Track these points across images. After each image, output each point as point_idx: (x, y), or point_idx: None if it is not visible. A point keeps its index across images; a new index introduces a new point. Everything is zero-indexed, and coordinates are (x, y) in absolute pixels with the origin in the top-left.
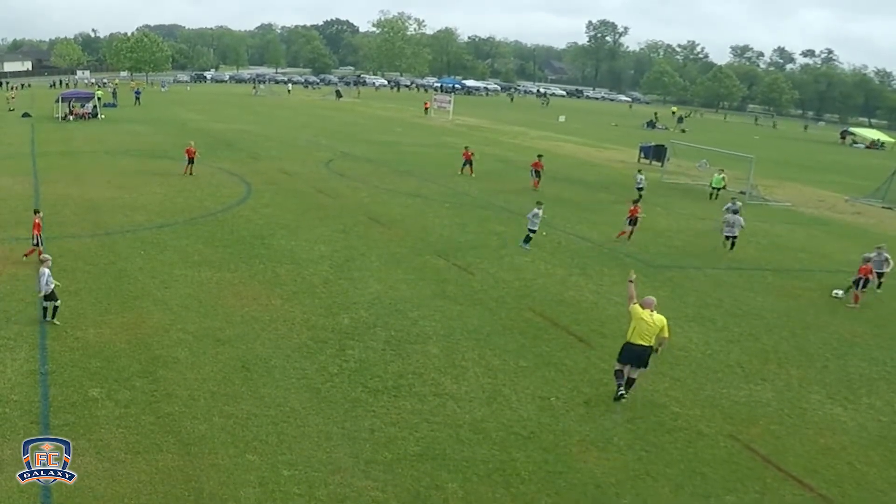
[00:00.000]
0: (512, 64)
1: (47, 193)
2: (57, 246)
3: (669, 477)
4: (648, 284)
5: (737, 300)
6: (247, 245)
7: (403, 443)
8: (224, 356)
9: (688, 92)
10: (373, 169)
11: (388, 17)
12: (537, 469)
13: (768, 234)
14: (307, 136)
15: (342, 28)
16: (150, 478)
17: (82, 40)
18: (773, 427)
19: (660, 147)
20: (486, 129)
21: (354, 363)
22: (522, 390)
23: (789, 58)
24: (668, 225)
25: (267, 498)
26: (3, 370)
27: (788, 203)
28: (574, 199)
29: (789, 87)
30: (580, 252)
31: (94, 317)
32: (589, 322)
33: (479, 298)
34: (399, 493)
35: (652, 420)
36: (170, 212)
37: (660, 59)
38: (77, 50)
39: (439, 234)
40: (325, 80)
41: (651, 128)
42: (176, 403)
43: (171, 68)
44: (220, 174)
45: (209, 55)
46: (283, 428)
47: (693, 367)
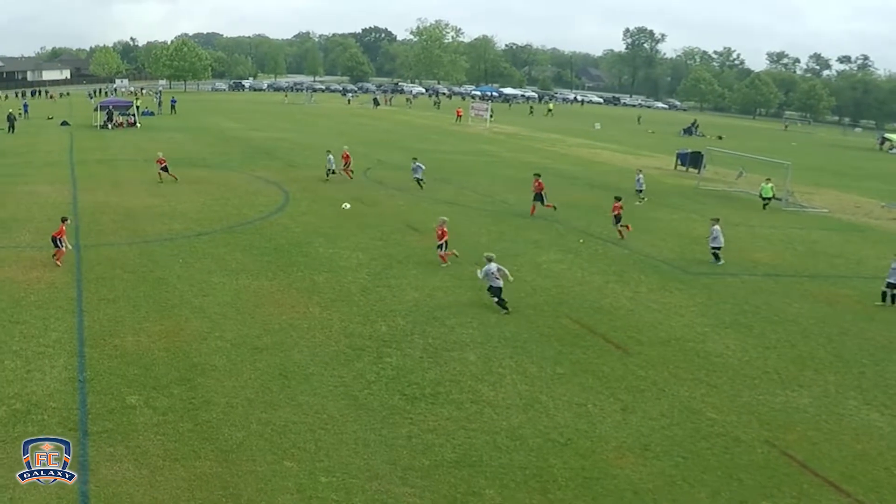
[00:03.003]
0: (549, 71)
1: (85, 201)
2: (95, 253)
3: (706, 483)
4: (685, 291)
5: (773, 307)
6: (284, 253)
7: (441, 449)
8: (262, 364)
9: (725, 99)
10: (410, 177)
11: (426, 25)
12: (574, 475)
13: (805, 240)
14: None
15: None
16: (188, 484)
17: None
18: (810, 433)
19: (696, 154)
20: (523, 137)
21: (392, 370)
22: (559, 397)
23: (825, 64)
24: (705, 232)
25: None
26: (42, 377)
27: (825, 209)
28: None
29: (826, 93)
30: (617, 259)
31: (132, 324)
32: (626, 329)
33: (516, 306)
34: (436, 500)
35: (688, 426)
36: (208, 220)
37: (696, 66)
38: (116, 58)
39: (476, 242)
40: (362, 89)
41: (688, 135)
42: (214, 411)
43: (210, 77)
44: (257, 182)
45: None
46: (321, 435)
47: (730, 373)
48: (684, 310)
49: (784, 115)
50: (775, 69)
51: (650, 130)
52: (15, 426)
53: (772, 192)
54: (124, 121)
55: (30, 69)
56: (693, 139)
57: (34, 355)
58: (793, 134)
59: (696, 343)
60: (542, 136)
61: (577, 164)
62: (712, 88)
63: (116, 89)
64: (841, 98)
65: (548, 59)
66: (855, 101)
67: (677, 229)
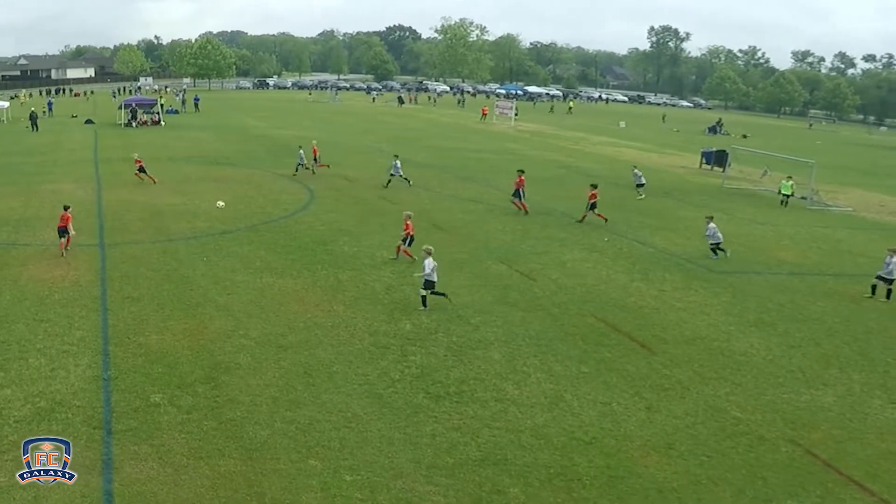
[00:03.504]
0: (573, 70)
1: (110, 199)
2: (119, 252)
3: (730, 482)
4: (710, 290)
5: (798, 305)
6: (309, 251)
7: (465, 448)
8: (286, 362)
9: (749, 97)
10: (434, 175)
11: (451, 24)
12: (599, 474)
13: (829, 239)
14: (369, 142)
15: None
16: (212, 483)
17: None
18: (835, 431)
19: (721, 153)
20: (548, 135)
21: (416, 369)
22: (584, 396)
23: (850, 62)
24: (730, 230)
25: (329, 503)
26: (66, 375)
27: (849, 208)
28: (636, 204)
29: (851, 92)
30: (642, 257)
31: (157, 323)
32: (651, 328)
33: (541, 304)
34: (461, 498)
35: (713, 425)
36: (232, 218)
37: (721, 64)
38: (140, 56)
39: (501, 241)
40: (387, 87)
41: (713, 133)
42: (238, 409)
43: (234, 75)
44: (281, 181)
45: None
46: (345, 433)
47: (754, 372)
48: (709, 308)
49: (809, 113)
50: (800, 68)
51: (675, 129)
52: (39, 424)
53: (791, 189)
54: (148, 119)
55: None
56: (718, 138)
57: (58, 353)
58: (817, 132)
59: (721, 342)
60: (567, 134)
61: (602, 163)
62: (737, 87)
63: (141, 87)
64: (866, 97)
65: (572, 58)
66: (880, 100)
67: (702, 228)
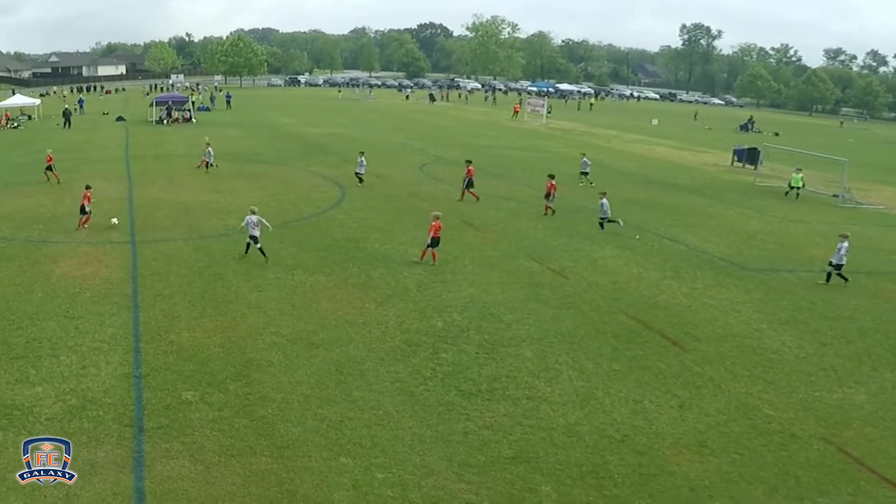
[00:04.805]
0: (605, 67)
1: (141, 197)
2: (151, 249)
3: (763, 480)
4: (742, 288)
5: (830, 303)
6: (341, 248)
7: (497, 446)
8: (318, 359)
9: (781, 95)
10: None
11: (482, 21)
12: (631, 472)
13: (861, 236)
14: (400, 139)
15: (436, 32)
16: (243, 480)
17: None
18: (867, 430)
19: (753, 150)
20: (580, 133)
21: (448, 366)
22: (616, 393)
23: (882, 60)
24: (761, 228)
25: (360, 500)
26: (97, 373)
27: (882, 206)
28: (667, 202)
29: (883, 90)
30: (673, 255)
31: (188, 320)
32: (682, 325)
33: (573, 302)
34: (493, 496)
35: (745, 423)
36: (264, 215)
37: (753, 62)
38: (171, 53)
39: (533, 238)
40: (418, 84)
41: (745, 131)
42: (269, 406)
43: (265, 72)
44: (313, 178)
45: (303, 59)
46: (377, 431)
47: (786, 369)
48: (741, 306)
49: (840, 111)
50: (832, 66)
51: (707, 127)
52: (71, 422)
53: (801, 181)
54: (179, 116)
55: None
56: (749, 135)
57: (90, 351)
58: (849, 130)
59: (753, 339)
60: (599, 131)
61: (634, 160)
62: (769, 85)
63: (174, 84)
64: None
65: (604, 55)
66: None
67: (733, 225)
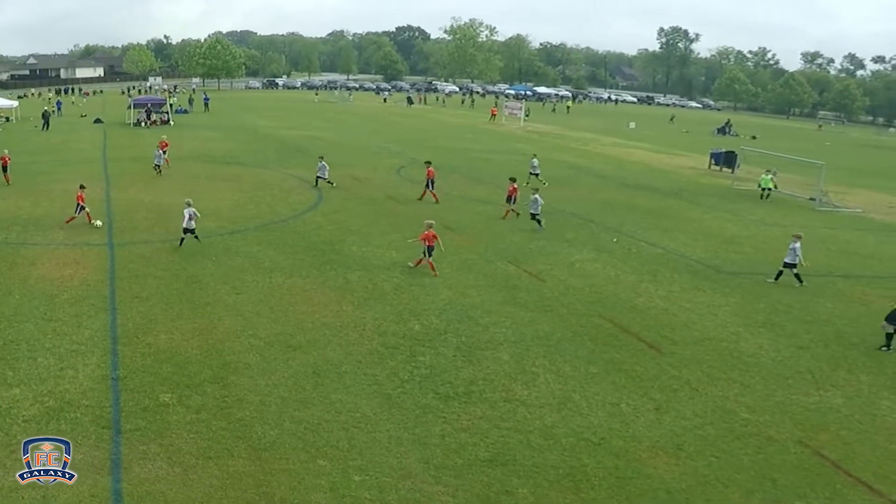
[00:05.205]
0: (583, 70)
1: (118, 199)
2: (128, 251)
3: (740, 483)
4: (719, 291)
5: (806, 307)
6: (318, 251)
7: (474, 448)
8: (295, 362)
9: (758, 98)
10: (443, 175)
11: (460, 24)
12: (607, 475)
13: (838, 240)
14: (378, 142)
15: (413, 35)
16: (221, 482)
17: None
18: (843, 433)
19: (730, 154)
20: (557, 136)
21: (425, 369)
22: (593, 396)
23: (860, 64)
24: (738, 231)
25: (338, 503)
26: (75, 375)
27: (859, 209)
28: (644, 205)
29: (860, 93)
30: (651, 258)
31: (166, 322)
32: (659, 328)
33: (550, 305)
34: (469, 499)
35: (722, 426)
36: (241, 218)
37: (731, 65)
38: (149, 56)
39: (510, 241)
40: (396, 87)
41: (722, 134)
42: (247, 409)
43: (243, 75)
44: (291, 180)
45: (281, 62)
46: (354, 433)
47: (763, 373)
48: (717, 309)
49: (818, 114)
50: (809, 69)
51: (684, 130)
52: (48, 424)
53: (771, 182)
54: (158, 118)
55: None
56: (727, 139)
57: (67, 353)
58: (826, 134)
59: (730, 343)
60: (576, 135)
61: (611, 163)
62: (746, 88)
63: (151, 87)
64: (875, 98)
65: (582, 58)
66: (889, 101)
67: (710, 229)
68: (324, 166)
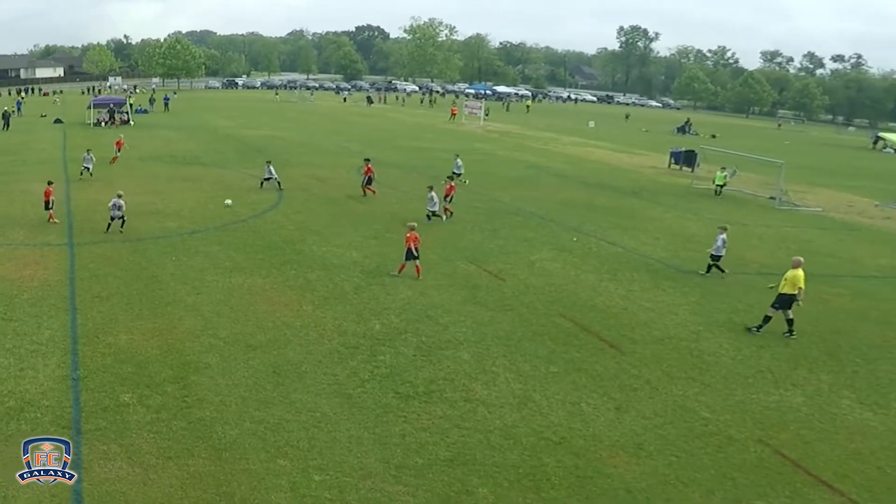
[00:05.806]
0: (542, 70)
1: (79, 199)
2: (88, 251)
3: (700, 482)
4: (679, 290)
5: (767, 305)
6: (278, 251)
7: (434, 448)
8: (255, 362)
9: (718, 97)
10: (403, 175)
11: (420, 24)
12: (567, 474)
13: (798, 239)
14: (338, 142)
15: (373, 34)
16: (181, 482)
17: (114, 47)
18: (803, 432)
19: (690, 153)
20: (517, 136)
21: (385, 369)
22: (553, 396)
23: (819, 63)
24: (698, 230)
25: (298, 503)
26: (35, 375)
27: (818, 208)
28: (605, 204)
29: (820, 92)
30: (611, 257)
31: (126, 322)
32: (619, 327)
33: (510, 304)
34: (430, 498)
35: (682, 425)
36: (201, 218)
37: (690, 64)
38: (109, 56)
39: (470, 240)
40: (356, 87)
41: (682, 133)
42: (207, 409)
43: (203, 75)
44: (251, 180)
45: (241, 61)
46: (314, 433)
47: (723, 372)
48: (677, 308)
49: (778, 113)
50: (769, 68)
51: (644, 129)
52: (9, 424)
53: (724, 179)
54: (118, 119)
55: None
56: (687, 138)
57: (27, 353)
58: (786, 133)
59: (690, 342)
60: (536, 134)
61: (571, 163)
62: (706, 87)
63: (111, 86)
64: (835, 97)
65: (541, 58)
66: (849, 100)
67: (670, 228)
68: (270, 170)
